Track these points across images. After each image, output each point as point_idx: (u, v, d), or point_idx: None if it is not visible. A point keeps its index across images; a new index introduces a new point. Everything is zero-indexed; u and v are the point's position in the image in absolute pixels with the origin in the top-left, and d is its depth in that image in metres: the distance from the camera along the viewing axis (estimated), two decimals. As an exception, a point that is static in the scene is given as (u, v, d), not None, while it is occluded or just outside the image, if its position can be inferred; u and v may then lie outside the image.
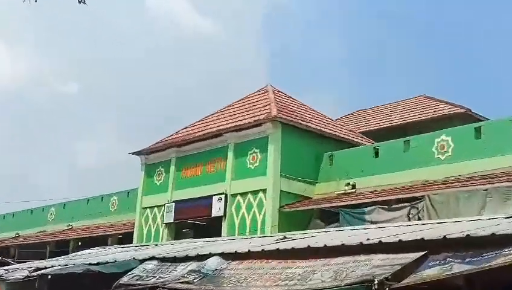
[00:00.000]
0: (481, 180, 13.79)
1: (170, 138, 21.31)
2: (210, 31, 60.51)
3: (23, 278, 15.05)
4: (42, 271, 14.76)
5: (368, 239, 9.29)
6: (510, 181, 12.95)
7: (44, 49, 64.56)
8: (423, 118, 21.75)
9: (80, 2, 8.99)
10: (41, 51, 64.08)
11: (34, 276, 14.72)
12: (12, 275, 15.82)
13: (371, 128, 23.05)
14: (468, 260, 7.56)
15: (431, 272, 7.68)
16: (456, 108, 21.46)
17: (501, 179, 13.33)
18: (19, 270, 16.15)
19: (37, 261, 18.59)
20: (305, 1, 64.40)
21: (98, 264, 13.76)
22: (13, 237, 28.34)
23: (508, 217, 9.89)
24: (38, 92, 64.08)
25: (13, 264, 19.87)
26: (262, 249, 10.66)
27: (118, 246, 19.22)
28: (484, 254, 7.44)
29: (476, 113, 20.77)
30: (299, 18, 63.09)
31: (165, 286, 10.91)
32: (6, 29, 58.64)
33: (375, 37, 58.43)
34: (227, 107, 20.99)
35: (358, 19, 60.53)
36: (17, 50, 63.92)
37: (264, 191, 17.16)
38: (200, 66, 58.18)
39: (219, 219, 18.20)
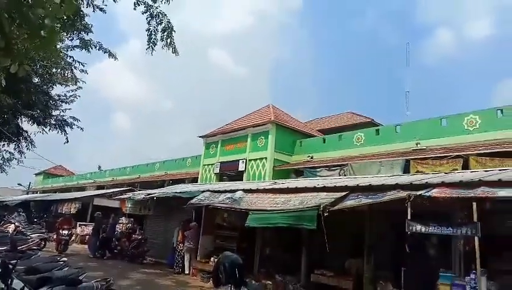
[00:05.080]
0: (377, 157, 16.13)
1: (219, 130, 23.48)
2: (243, 73, 76.48)
3: (141, 199, 17.77)
4: (151, 195, 17.06)
5: (318, 185, 10.20)
6: (393, 158, 15.02)
7: (155, 80, 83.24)
8: (348, 123, 24.88)
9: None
10: (154, 81, 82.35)
11: (146, 198, 17.35)
12: (135, 197, 18.61)
13: (323, 128, 25.76)
14: (369, 196, 8.58)
15: (350, 202, 8.71)
16: (365, 118, 24.85)
17: (388, 156, 15.52)
18: (139, 195, 18.90)
19: (148, 190, 20.84)
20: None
21: (180, 192, 15.35)
22: (137, 177, 31.72)
23: (390, 176, 11.13)
24: (148, 105, 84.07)
25: (136, 191, 22.91)
26: (264, 188, 11.84)
27: (190, 184, 21.59)
28: (378, 194, 8.55)
29: (377, 122, 23.79)
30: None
31: (214, 205, 11.96)
32: (135, 67, 78.37)
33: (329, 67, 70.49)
34: (248, 114, 23.97)
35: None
36: (141, 80, 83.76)
37: (266, 159, 19.69)
38: (238, 95, 71.81)
39: (242, 172, 20.69)
